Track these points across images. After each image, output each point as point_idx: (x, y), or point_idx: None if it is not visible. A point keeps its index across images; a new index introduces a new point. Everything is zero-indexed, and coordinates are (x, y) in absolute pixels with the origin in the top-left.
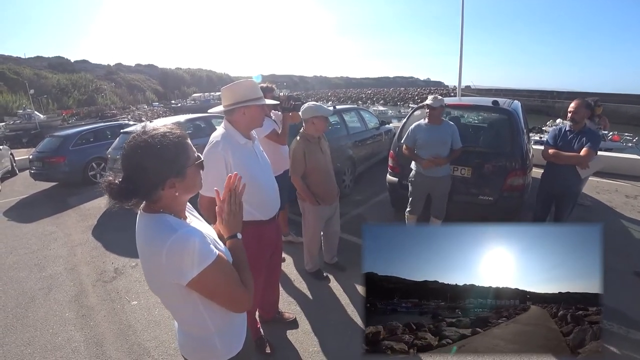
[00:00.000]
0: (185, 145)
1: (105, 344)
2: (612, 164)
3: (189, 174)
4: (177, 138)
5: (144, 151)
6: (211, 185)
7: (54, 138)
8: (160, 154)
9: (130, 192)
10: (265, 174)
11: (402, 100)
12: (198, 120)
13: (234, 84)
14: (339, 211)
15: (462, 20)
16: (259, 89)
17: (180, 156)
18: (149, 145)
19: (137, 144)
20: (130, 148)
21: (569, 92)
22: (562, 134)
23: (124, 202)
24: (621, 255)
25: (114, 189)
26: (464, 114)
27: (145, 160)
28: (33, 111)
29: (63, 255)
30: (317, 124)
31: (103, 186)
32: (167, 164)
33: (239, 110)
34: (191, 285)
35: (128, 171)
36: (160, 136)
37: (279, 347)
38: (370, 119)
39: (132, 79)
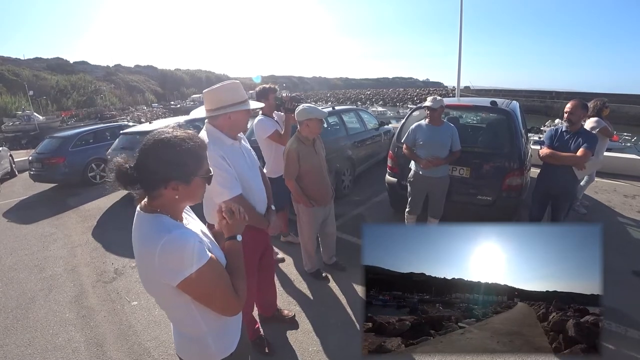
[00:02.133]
0: (201, 155)
1: (106, 345)
2: (610, 163)
3: (195, 183)
4: (197, 146)
5: (165, 146)
6: (227, 184)
7: (53, 139)
8: (176, 154)
9: (135, 179)
10: (253, 173)
11: (401, 101)
12: (197, 121)
13: (217, 87)
14: (334, 212)
15: (461, 21)
16: (243, 91)
17: (193, 163)
18: (171, 143)
19: (161, 138)
20: (153, 141)
21: (568, 92)
22: (559, 135)
23: (127, 186)
24: (620, 254)
25: (122, 171)
26: (462, 115)
27: (162, 154)
28: (32, 112)
29: (63, 256)
30: (312, 126)
31: (114, 166)
32: (178, 166)
33: (223, 115)
34: (181, 287)
35: (142, 159)
36: (180, 139)
37: (278, 347)
38: (369, 119)
39: (132, 80)
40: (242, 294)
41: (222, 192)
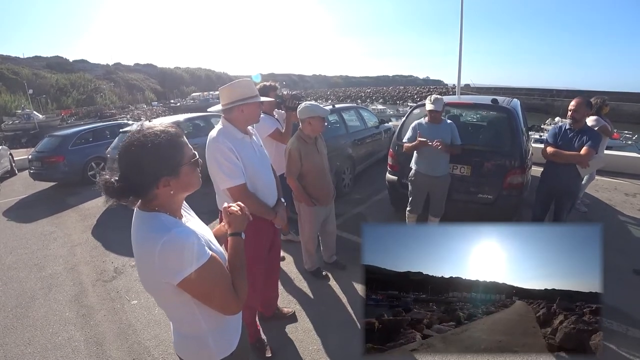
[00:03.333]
0: (179, 143)
1: (106, 343)
2: (611, 162)
3: (184, 172)
4: (170, 136)
5: (138, 149)
6: (232, 173)
7: (53, 138)
8: (154, 152)
9: (126, 190)
10: (264, 166)
11: (401, 99)
12: (197, 119)
13: (231, 84)
14: (335, 211)
15: (461, 19)
16: (254, 86)
17: (174, 154)
18: (143, 144)
19: (131, 142)
20: (125, 147)
21: (569, 90)
22: (562, 133)
23: (121, 200)
24: (620, 253)
25: (110, 187)
26: (463, 113)
27: (139, 158)
28: (32, 111)
29: (63, 255)
30: (314, 125)
31: (100, 184)
32: (161, 162)
33: (237, 108)
34: (182, 286)
35: (123, 169)
36: (153, 135)
37: (279, 346)
38: (369, 117)
39: (131, 78)
40: (243, 292)
41: (226, 181)
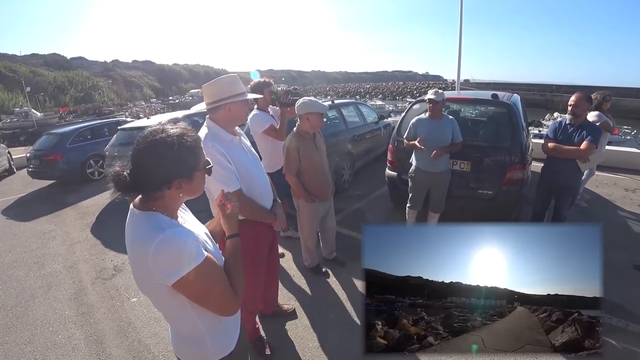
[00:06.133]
0: (198, 147)
1: (106, 341)
2: (611, 157)
3: (197, 178)
4: (194, 140)
5: (162, 148)
6: (226, 180)
7: (51, 136)
8: (177, 154)
9: (137, 186)
10: (256, 167)
11: (400, 95)
12: (196, 116)
13: (216, 80)
14: (334, 207)
15: (461, 14)
16: (241, 83)
17: (193, 159)
18: (167, 145)
19: (155, 140)
20: (147, 143)
21: (568, 85)
22: (563, 128)
23: (129, 195)
24: (620, 249)
25: (122, 180)
26: (463, 108)
27: (161, 157)
28: (30, 109)
29: (62, 253)
30: (312, 120)
31: (111, 176)
32: (180, 165)
33: (224, 107)
34: (177, 287)
35: (139, 165)
36: (177, 137)
37: (278, 343)
38: (369, 113)
39: (129, 75)
40: (240, 292)
41: (220, 189)
